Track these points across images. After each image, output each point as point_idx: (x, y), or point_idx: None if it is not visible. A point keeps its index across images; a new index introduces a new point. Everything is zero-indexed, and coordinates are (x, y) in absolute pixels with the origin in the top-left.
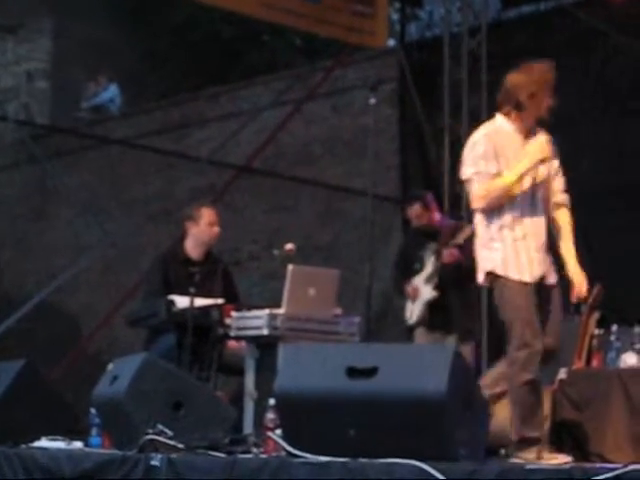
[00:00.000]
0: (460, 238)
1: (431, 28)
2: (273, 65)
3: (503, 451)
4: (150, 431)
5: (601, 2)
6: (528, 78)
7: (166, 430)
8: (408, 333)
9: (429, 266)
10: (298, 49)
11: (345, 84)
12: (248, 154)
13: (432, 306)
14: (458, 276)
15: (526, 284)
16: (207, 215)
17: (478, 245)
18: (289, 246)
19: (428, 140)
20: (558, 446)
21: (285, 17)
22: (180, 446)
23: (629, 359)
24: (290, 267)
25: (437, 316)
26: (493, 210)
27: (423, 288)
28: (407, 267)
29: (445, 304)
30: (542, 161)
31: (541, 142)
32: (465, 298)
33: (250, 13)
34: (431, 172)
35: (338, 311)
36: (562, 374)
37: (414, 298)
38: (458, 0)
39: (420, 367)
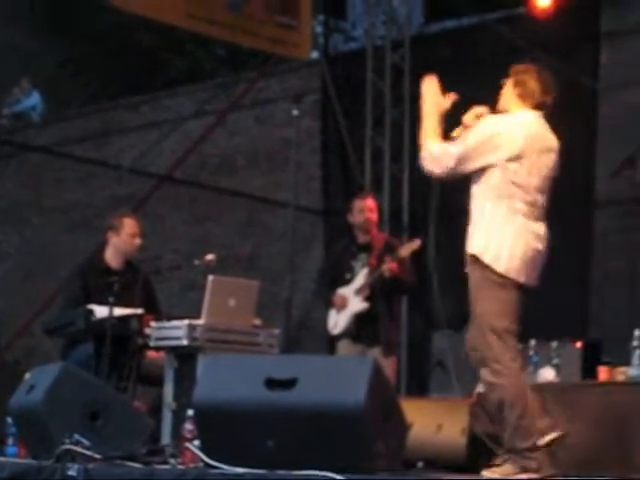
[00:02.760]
0: (404, 252)
1: (355, 40)
2: (196, 75)
3: (420, 464)
4: (67, 441)
5: (523, 19)
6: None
7: (83, 440)
8: (330, 343)
9: (360, 277)
10: (222, 59)
11: (268, 95)
12: (170, 164)
13: (360, 318)
14: (390, 289)
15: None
16: (129, 226)
17: None
18: (209, 257)
19: (350, 152)
20: (474, 459)
21: (208, 27)
22: (97, 456)
23: (546, 374)
24: (210, 277)
25: (364, 328)
26: None
27: (352, 299)
28: (336, 276)
29: (373, 316)
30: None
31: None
32: (392, 311)
33: (173, 22)
34: (353, 184)
35: (258, 322)
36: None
37: (341, 308)
38: (382, 13)
39: (339, 379)
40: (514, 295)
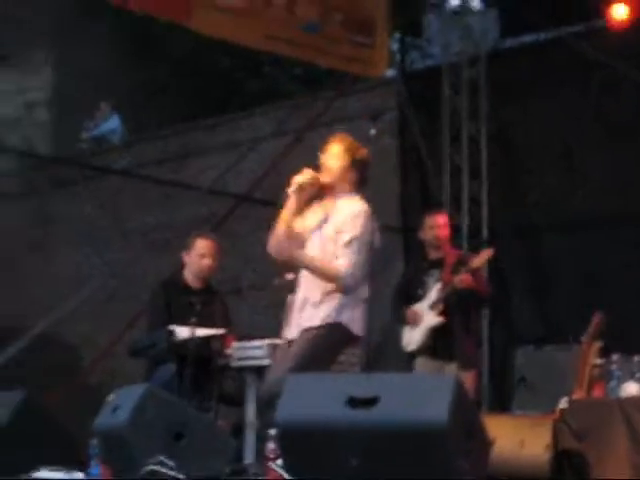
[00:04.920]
0: (476, 263)
1: (431, 57)
2: (273, 95)
3: None
4: (151, 462)
5: (601, 32)
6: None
7: (167, 461)
8: (407, 360)
9: (433, 292)
10: (298, 79)
11: (345, 114)
12: (249, 184)
13: (435, 333)
14: (465, 302)
15: None
16: (200, 246)
17: None
18: (289, 276)
19: (428, 169)
20: (557, 476)
21: (285, 47)
22: (181, 477)
23: (630, 388)
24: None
25: (440, 343)
26: None
27: (426, 314)
28: (410, 292)
29: (449, 331)
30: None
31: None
32: (468, 325)
33: (250, 44)
34: (431, 201)
35: None
36: (563, 403)
37: (415, 324)
38: (457, 29)
39: (421, 396)
40: None
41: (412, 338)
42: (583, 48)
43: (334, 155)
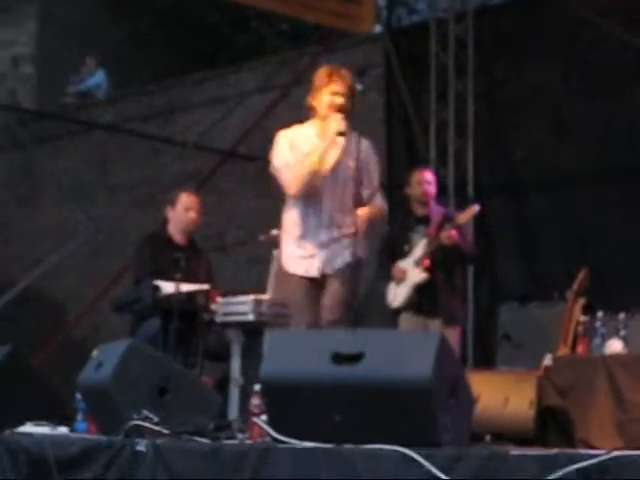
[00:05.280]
0: (462, 219)
1: (417, 13)
2: (260, 50)
3: (488, 437)
4: (135, 417)
5: None
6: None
7: (151, 416)
8: (392, 317)
9: (419, 249)
10: (285, 34)
11: None
12: (235, 139)
13: (420, 289)
14: (451, 258)
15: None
16: (184, 200)
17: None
18: (274, 232)
19: (415, 125)
20: (542, 432)
21: (272, 2)
22: (165, 432)
23: (614, 346)
24: (275, 252)
25: (424, 299)
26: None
27: (412, 271)
28: (395, 248)
29: (433, 287)
30: (340, 134)
31: (337, 118)
32: (453, 281)
33: None
34: (418, 158)
35: None
36: (547, 360)
37: (400, 280)
38: None
39: (406, 353)
40: None
41: (397, 294)
42: (569, 5)
43: (348, 90)
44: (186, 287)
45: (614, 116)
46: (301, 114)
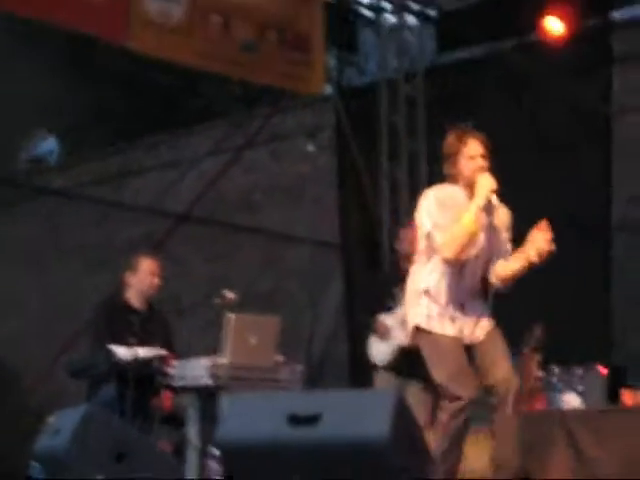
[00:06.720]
0: None
1: (367, 74)
2: (212, 113)
3: None
4: None
5: (536, 46)
6: (445, 148)
7: None
8: (370, 370)
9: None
10: (236, 97)
11: (284, 131)
12: (188, 202)
13: (403, 352)
14: None
15: (450, 337)
16: (146, 265)
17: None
18: (229, 295)
19: (367, 186)
20: None
21: (222, 66)
22: None
23: (571, 400)
24: (231, 316)
25: (405, 362)
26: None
27: (397, 330)
28: (380, 303)
29: (417, 351)
30: (493, 192)
31: (487, 176)
32: None
33: (188, 63)
34: (371, 217)
35: (280, 359)
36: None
37: (383, 337)
38: (394, 45)
39: (363, 413)
40: None
41: (379, 351)
42: (518, 63)
43: (485, 150)
44: (142, 352)
45: (564, 171)
46: (254, 176)
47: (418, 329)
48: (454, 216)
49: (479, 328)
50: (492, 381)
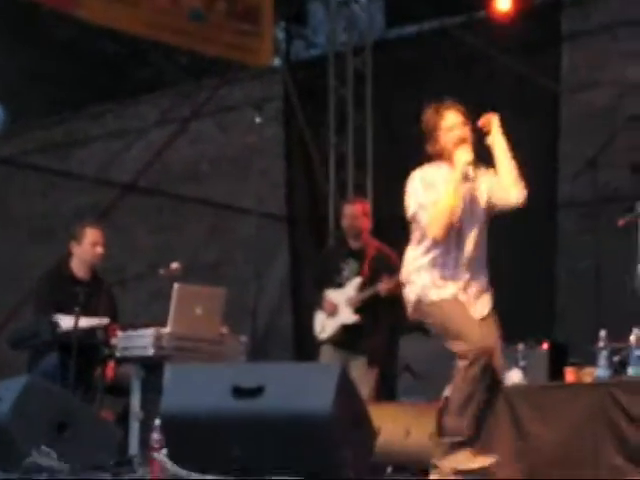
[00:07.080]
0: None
1: (316, 47)
2: (159, 83)
3: (389, 469)
4: (34, 453)
5: (484, 23)
6: (424, 125)
7: (51, 452)
8: (317, 346)
9: (351, 286)
10: (184, 68)
11: (231, 102)
12: (134, 172)
13: (347, 328)
14: (382, 304)
15: (448, 299)
16: (90, 235)
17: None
18: (174, 265)
19: (314, 158)
20: None
21: (170, 36)
22: (65, 468)
23: (514, 376)
24: (176, 286)
25: (350, 337)
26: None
27: (343, 308)
28: (324, 276)
29: (361, 328)
30: (469, 163)
31: (462, 150)
32: (379, 322)
33: (136, 32)
34: (318, 190)
35: (224, 330)
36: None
37: (330, 314)
38: (343, 19)
39: (306, 386)
40: None
41: (325, 327)
42: (466, 39)
43: (463, 117)
44: (85, 321)
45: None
46: (200, 147)
47: (418, 303)
48: (441, 194)
49: (480, 304)
50: None
